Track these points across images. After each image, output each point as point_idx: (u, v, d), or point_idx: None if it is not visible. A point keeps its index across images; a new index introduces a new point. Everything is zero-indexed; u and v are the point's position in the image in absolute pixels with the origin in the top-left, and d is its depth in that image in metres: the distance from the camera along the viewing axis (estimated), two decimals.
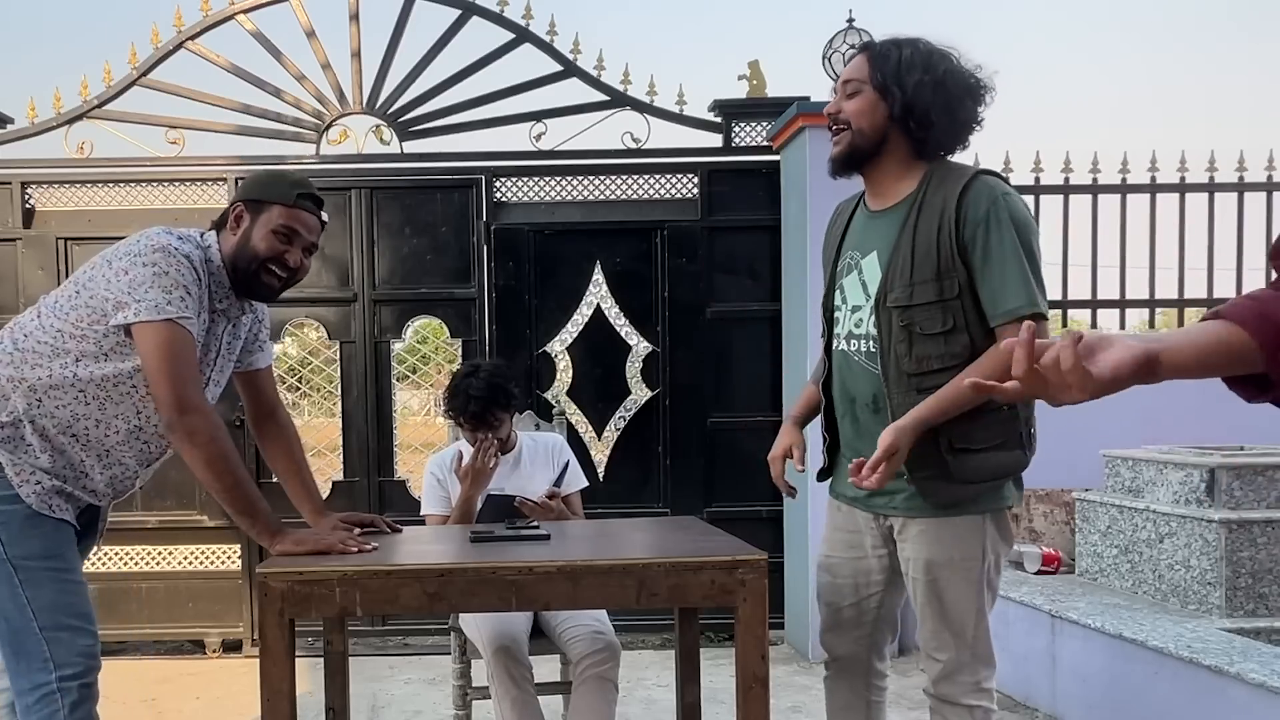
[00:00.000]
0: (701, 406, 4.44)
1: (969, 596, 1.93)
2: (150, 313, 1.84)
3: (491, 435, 2.66)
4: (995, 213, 1.80)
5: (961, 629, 1.94)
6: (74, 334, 1.90)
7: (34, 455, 1.90)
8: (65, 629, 1.89)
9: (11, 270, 4.41)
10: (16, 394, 1.90)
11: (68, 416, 1.92)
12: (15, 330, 1.96)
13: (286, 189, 2.02)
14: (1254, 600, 3.17)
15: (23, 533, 1.88)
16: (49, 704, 1.87)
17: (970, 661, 1.95)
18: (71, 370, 1.90)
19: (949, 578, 1.92)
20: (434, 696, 3.73)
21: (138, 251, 1.89)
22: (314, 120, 4.48)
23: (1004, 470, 1.90)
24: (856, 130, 1.91)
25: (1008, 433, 1.89)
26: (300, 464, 2.27)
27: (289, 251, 2.00)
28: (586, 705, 2.45)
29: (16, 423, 1.90)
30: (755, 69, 4.46)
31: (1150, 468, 3.53)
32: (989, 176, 1.87)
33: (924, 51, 1.86)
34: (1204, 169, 4.50)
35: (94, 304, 1.89)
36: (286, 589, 1.73)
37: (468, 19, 4.41)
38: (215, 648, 4.43)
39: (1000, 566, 2.00)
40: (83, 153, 4.43)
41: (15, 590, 1.87)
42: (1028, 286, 1.80)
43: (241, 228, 2.00)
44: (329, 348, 4.55)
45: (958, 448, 1.86)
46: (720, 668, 3.75)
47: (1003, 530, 1.97)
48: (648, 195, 4.53)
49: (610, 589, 1.76)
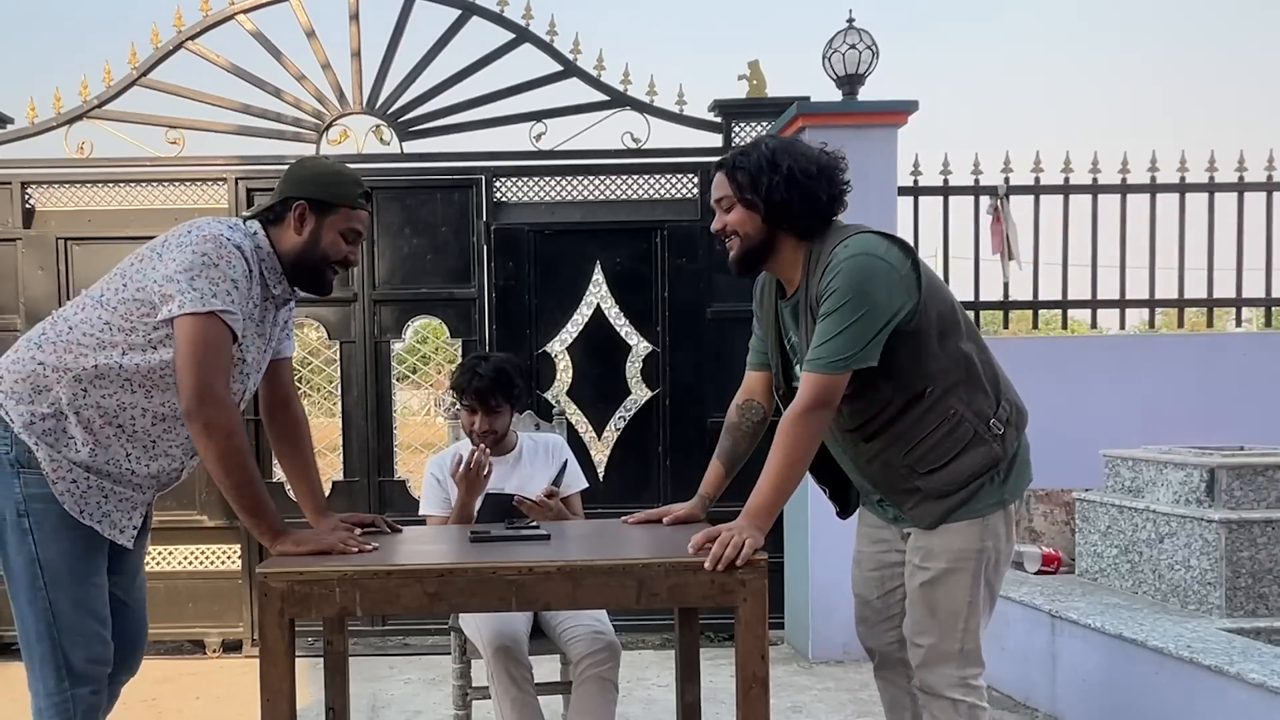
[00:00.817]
0: (701, 406, 4.44)
1: (962, 588, 1.98)
2: (195, 304, 1.83)
3: (488, 424, 2.68)
4: (831, 283, 1.89)
5: (949, 619, 1.98)
6: (123, 327, 1.88)
7: (75, 449, 1.88)
8: (82, 635, 1.89)
9: (11, 270, 4.41)
10: (60, 385, 1.88)
11: (114, 406, 1.90)
12: (59, 322, 1.93)
13: (353, 191, 2.02)
14: (1254, 600, 3.17)
15: (56, 533, 1.87)
16: (63, 713, 1.88)
17: (956, 655, 1.98)
18: (118, 361, 1.88)
19: (943, 568, 1.98)
20: (434, 696, 3.73)
21: (188, 242, 1.87)
22: (314, 120, 4.48)
23: (980, 469, 1.96)
24: (744, 236, 2.01)
25: (964, 436, 1.95)
26: (309, 462, 2.26)
27: (353, 251, 2.05)
28: (586, 705, 2.45)
29: (59, 414, 1.88)
30: (755, 69, 4.46)
31: (1150, 468, 3.54)
32: (843, 247, 1.92)
33: (768, 153, 1.97)
34: (1204, 169, 4.50)
35: (142, 296, 1.88)
36: (286, 589, 1.73)
37: (468, 19, 4.41)
38: (215, 648, 4.43)
39: (1002, 565, 2.02)
40: (83, 153, 4.42)
41: (39, 593, 1.87)
42: (831, 345, 1.87)
43: (307, 228, 2.00)
44: (329, 348, 4.55)
45: (922, 471, 1.96)
46: (720, 668, 3.75)
47: (1005, 527, 2.01)
48: (647, 195, 4.53)
49: (610, 589, 1.76)
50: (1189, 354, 4.38)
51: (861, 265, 1.88)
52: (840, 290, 1.87)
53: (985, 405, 1.96)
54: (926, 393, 1.93)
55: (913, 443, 1.96)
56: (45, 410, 1.88)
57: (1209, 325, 4.67)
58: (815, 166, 1.95)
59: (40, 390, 1.88)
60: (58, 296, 4.36)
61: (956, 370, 1.94)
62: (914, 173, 4.40)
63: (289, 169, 2.07)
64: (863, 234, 1.95)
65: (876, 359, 1.88)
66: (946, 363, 1.94)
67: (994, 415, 1.96)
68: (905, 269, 1.92)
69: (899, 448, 1.97)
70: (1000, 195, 4.42)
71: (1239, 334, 4.69)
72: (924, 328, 1.92)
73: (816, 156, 1.98)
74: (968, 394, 1.95)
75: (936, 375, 1.93)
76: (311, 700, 3.44)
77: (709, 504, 2.27)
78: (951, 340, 1.95)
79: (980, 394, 1.96)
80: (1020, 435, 2.02)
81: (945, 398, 1.94)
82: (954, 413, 1.94)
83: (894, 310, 1.88)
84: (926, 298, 1.93)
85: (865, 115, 4.11)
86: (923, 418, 1.94)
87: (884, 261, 1.89)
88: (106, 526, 1.93)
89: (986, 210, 4.46)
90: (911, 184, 4.39)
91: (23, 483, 1.86)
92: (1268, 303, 4.59)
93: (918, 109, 4.07)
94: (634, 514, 2.29)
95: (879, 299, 1.87)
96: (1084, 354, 4.43)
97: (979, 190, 4.47)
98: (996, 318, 4.82)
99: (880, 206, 4.09)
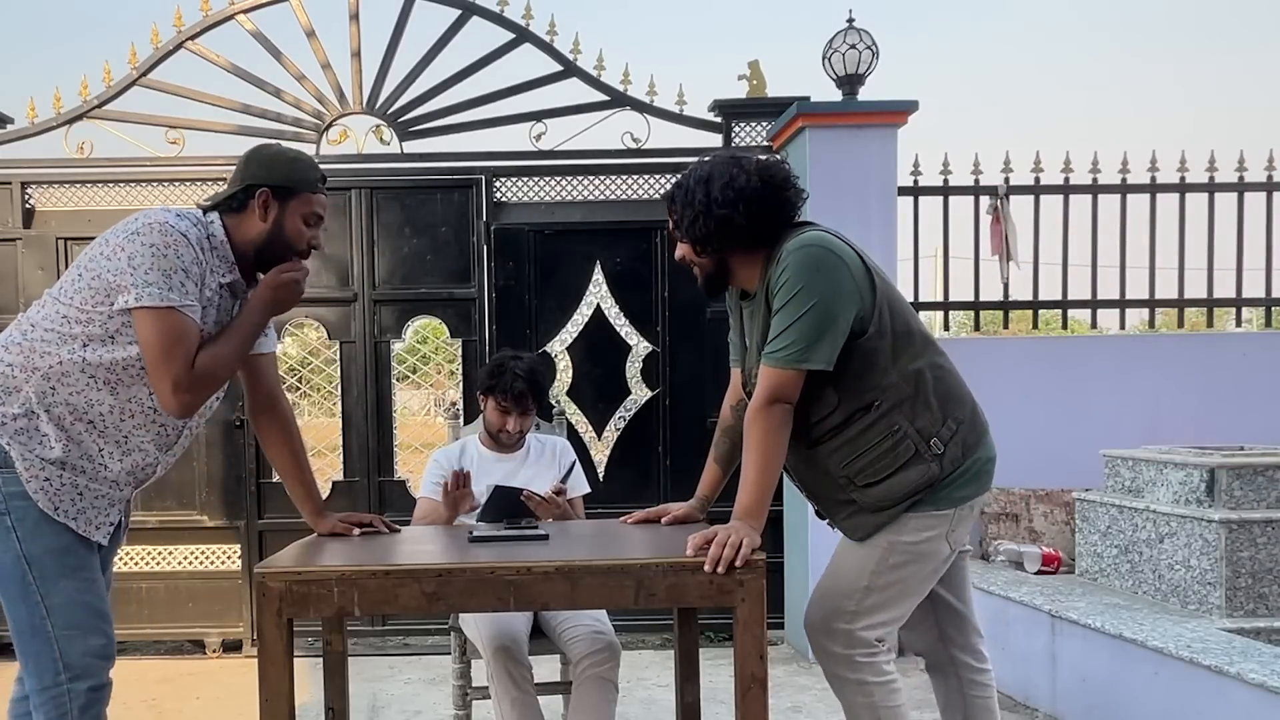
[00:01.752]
0: (701, 406, 4.44)
1: (863, 567, 2.00)
2: (152, 298, 1.83)
3: (520, 425, 2.73)
4: (782, 275, 1.91)
5: (842, 588, 2.01)
6: (79, 318, 1.88)
7: (47, 447, 1.88)
8: (77, 628, 1.88)
9: (11, 270, 4.41)
10: (29, 384, 1.88)
11: (82, 403, 1.89)
12: (23, 322, 1.94)
13: (312, 175, 2.04)
14: (1254, 600, 3.17)
15: (38, 530, 1.87)
16: (58, 707, 1.87)
17: (842, 631, 1.99)
18: (80, 355, 1.88)
19: (851, 545, 2.04)
20: (434, 696, 3.73)
21: (136, 230, 1.88)
22: (314, 120, 4.48)
23: (914, 487, 1.96)
24: (698, 265, 2.09)
25: (904, 453, 1.95)
26: (301, 462, 2.25)
27: (315, 235, 2.06)
28: (586, 705, 2.45)
29: (30, 414, 1.88)
30: (755, 69, 4.46)
31: (1150, 468, 3.53)
32: (793, 242, 1.94)
33: (691, 186, 2.01)
34: (1204, 169, 4.50)
35: (96, 285, 1.87)
36: (284, 589, 1.73)
37: (468, 19, 4.41)
38: (215, 648, 4.43)
39: (920, 564, 2.00)
40: (83, 153, 4.43)
41: (29, 588, 1.86)
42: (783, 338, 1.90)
43: (271, 215, 2.00)
44: (329, 348, 4.55)
45: (860, 484, 1.98)
46: (720, 668, 3.75)
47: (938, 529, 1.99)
48: (648, 195, 4.53)
49: (609, 589, 1.76)
50: (1189, 354, 4.38)
51: (809, 255, 1.90)
52: (790, 282, 1.89)
53: (929, 423, 1.96)
54: (873, 405, 1.94)
55: (854, 455, 1.97)
56: (16, 410, 1.88)
57: (1209, 325, 4.67)
58: (730, 193, 1.95)
59: (10, 391, 1.88)
60: None
61: (906, 386, 1.95)
62: (914, 173, 4.40)
63: (245, 155, 2.09)
64: (815, 231, 1.96)
65: (831, 362, 1.89)
66: (897, 378, 1.94)
67: (936, 434, 1.96)
68: (858, 268, 1.93)
69: (840, 458, 1.98)
70: (1000, 195, 4.42)
71: (1239, 334, 4.69)
72: (878, 343, 1.92)
73: (731, 181, 1.96)
74: (913, 410, 1.95)
75: (886, 389, 1.94)
76: (311, 700, 3.45)
77: (707, 505, 2.28)
78: (905, 357, 1.95)
79: (926, 411, 1.95)
80: (973, 451, 2.00)
81: (891, 413, 1.94)
82: (898, 428, 1.94)
83: (844, 302, 1.88)
84: (886, 309, 1.94)
85: (865, 115, 4.11)
86: (866, 431, 1.95)
87: (833, 254, 1.90)
88: (82, 524, 1.91)
89: (986, 210, 4.46)
90: (911, 184, 4.39)
91: (2, 481, 1.86)
92: (1268, 303, 4.58)
93: (918, 109, 4.08)
94: (633, 514, 2.29)
95: (827, 290, 1.88)
96: (1084, 354, 4.42)
97: (979, 190, 4.47)
98: (996, 318, 4.82)
99: (880, 206, 4.10)
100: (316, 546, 2.05)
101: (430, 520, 2.65)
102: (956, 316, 5.40)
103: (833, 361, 1.89)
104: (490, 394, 2.74)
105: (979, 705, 2.18)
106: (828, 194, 3.99)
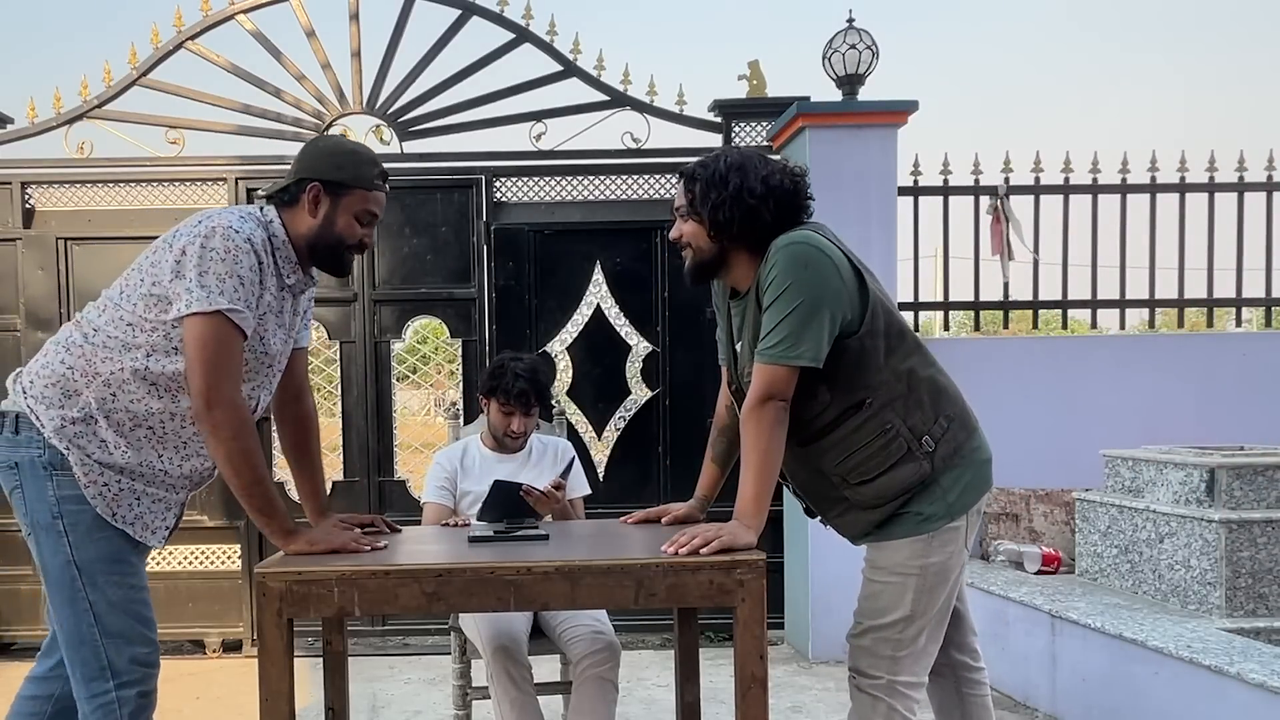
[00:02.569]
0: (701, 406, 4.44)
1: (902, 600, 1.96)
2: (201, 304, 1.81)
3: (525, 426, 2.74)
4: (770, 272, 1.91)
5: (886, 624, 1.97)
6: (143, 326, 1.86)
7: (107, 451, 1.87)
8: (124, 636, 1.87)
9: (11, 270, 4.41)
10: (90, 389, 1.86)
11: (142, 410, 1.88)
12: (83, 324, 1.92)
13: (369, 172, 1.97)
14: (1254, 600, 3.17)
15: (90, 535, 1.86)
16: (108, 713, 1.86)
17: (887, 659, 1.97)
18: (144, 364, 1.86)
19: (886, 581, 1.98)
20: (434, 696, 3.73)
21: (197, 233, 1.84)
22: (314, 120, 4.48)
23: (907, 485, 1.95)
24: (695, 249, 2.04)
25: (896, 451, 1.94)
26: (316, 463, 2.24)
27: (368, 234, 2.00)
28: (586, 705, 2.45)
29: (89, 418, 1.86)
30: (755, 69, 4.46)
31: (1150, 468, 3.53)
32: (782, 239, 1.93)
33: (722, 169, 1.98)
34: (1204, 169, 4.50)
35: (158, 292, 1.85)
36: (285, 589, 1.73)
37: (468, 19, 4.41)
38: (215, 648, 4.43)
39: (951, 578, 1.99)
40: (83, 153, 4.43)
41: (78, 595, 1.85)
42: (774, 334, 1.88)
43: (321, 210, 1.95)
44: (329, 347, 4.55)
45: (853, 482, 1.97)
46: (720, 668, 3.75)
47: (955, 543, 1.98)
48: (648, 195, 4.53)
49: (608, 589, 1.76)
50: (1189, 354, 4.38)
51: (797, 253, 1.89)
52: (778, 278, 1.88)
53: (921, 421, 1.95)
54: (865, 404, 1.94)
55: (846, 453, 1.96)
56: (75, 414, 1.86)
57: (1209, 325, 4.67)
58: (764, 186, 1.94)
59: (70, 395, 1.87)
60: (58, 296, 4.37)
61: (898, 384, 1.94)
62: (914, 173, 4.40)
63: (304, 147, 2.01)
64: (803, 229, 1.96)
65: (821, 358, 1.88)
66: (889, 376, 1.94)
67: (928, 432, 1.96)
68: (845, 267, 1.92)
69: (832, 456, 1.98)
70: (1000, 195, 4.42)
71: (1239, 334, 4.69)
72: (870, 342, 1.92)
73: (768, 176, 1.96)
74: (905, 409, 1.94)
75: (877, 388, 1.93)
76: (311, 700, 3.45)
77: (707, 504, 2.28)
78: (897, 355, 1.95)
79: (918, 409, 1.95)
80: (964, 449, 1.99)
81: (883, 411, 1.94)
82: (890, 427, 1.94)
83: (831, 299, 1.88)
84: (880, 308, 1.94)
85: (865, 115, 4.11)
86: (859, 429, 1.94)
87: (820, 252, 1.90)
88: (139, 529, 1.91)
89: (986, 210, 4.46)
90: (911, 184, 4.39)
91: (56, 485, 1.85)
92: (1268, 303, 4.59)
93: (918, 109, 4.08)
94: (633, 514, 2.29)
95: (815, 285, 1.87)
96: (1084, 354, 4.42)
97: (979, 190, 4.47)
98: (996, 318, 4.82)
99: (880, 206, 4.10)
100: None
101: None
102: (956, 316, 5.40)
103: (821, 359, 1.88)
104: (492, 396, 2.74)
105: (976, 704, 2.18)
106: (828, 194, 3.97)
